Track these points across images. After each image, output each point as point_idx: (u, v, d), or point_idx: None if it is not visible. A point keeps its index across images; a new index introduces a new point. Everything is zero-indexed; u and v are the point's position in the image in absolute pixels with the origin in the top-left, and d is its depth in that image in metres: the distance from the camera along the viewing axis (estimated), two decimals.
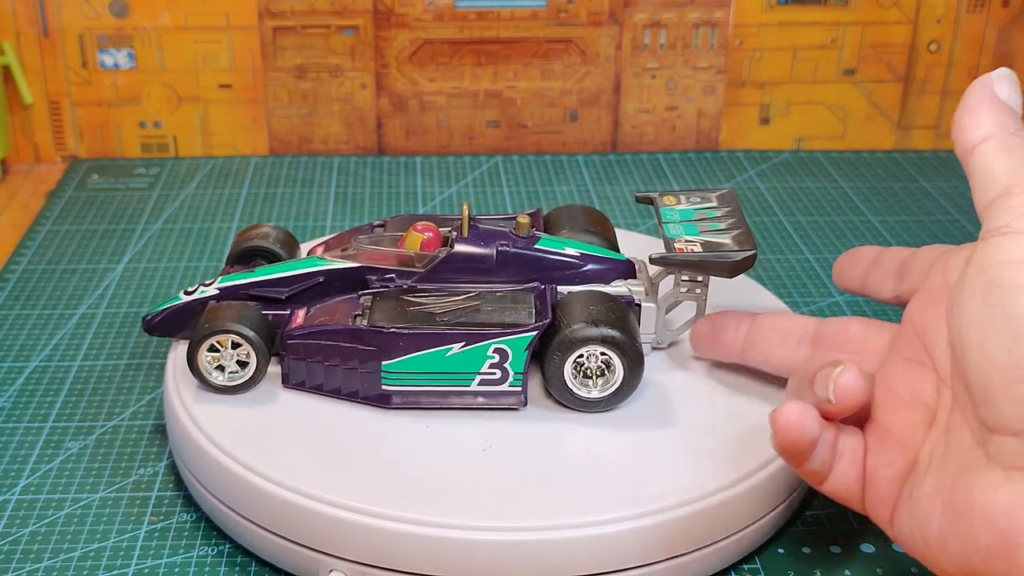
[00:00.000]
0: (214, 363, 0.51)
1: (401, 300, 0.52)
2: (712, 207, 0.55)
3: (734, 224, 0.53)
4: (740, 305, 0.60)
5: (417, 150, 0.92)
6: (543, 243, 0.53)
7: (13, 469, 0.54)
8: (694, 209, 0.55)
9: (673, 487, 0.46)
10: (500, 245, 0.53)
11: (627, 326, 0.50)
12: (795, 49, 0.91)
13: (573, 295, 0.52)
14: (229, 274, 0.54)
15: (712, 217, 0.54)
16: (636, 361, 0.50)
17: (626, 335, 0.49)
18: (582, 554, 0.45)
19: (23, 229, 0.79)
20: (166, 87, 0.89)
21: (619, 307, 0.51)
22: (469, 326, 0.50)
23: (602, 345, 0.49)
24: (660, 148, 0.93)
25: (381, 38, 0.89)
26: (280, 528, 0.46)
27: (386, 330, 0.49)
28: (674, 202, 0.56)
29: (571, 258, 0.53)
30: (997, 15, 0.92)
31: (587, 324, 0.49)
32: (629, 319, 0.51)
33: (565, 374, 0.50)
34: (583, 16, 0.89)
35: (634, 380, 0.50)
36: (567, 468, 0.47)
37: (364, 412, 0.50)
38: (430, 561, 0.44)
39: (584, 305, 0.51)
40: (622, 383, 0.50)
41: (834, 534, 0.51)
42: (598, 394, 0.50)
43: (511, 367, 0.50)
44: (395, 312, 0.51)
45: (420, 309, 0.51)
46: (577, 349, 0.49)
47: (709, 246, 0.52)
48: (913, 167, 0.92)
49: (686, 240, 0.52)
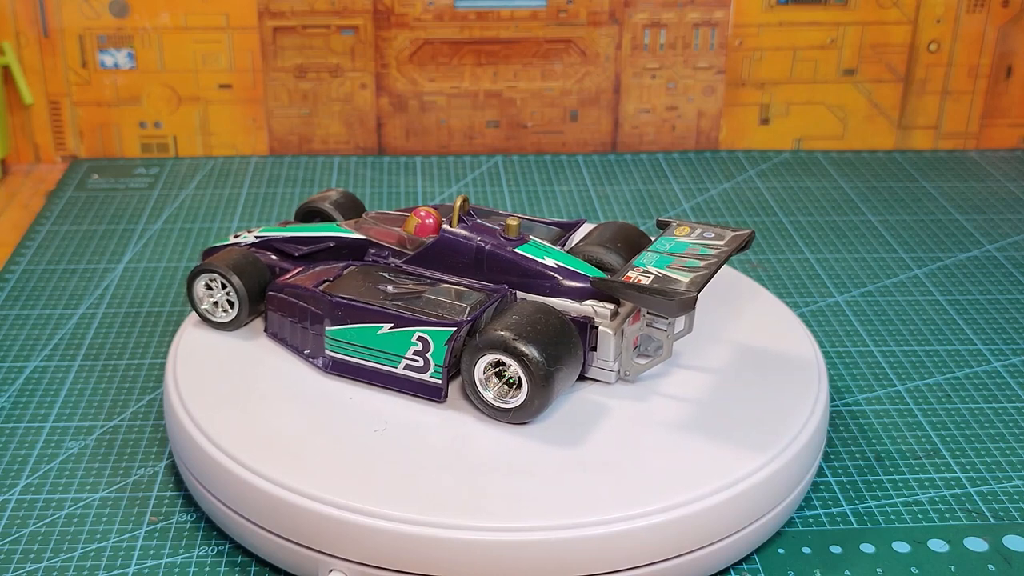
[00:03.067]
0: (210, 298, 0.56)
1: (375, 276, 0.53)
2: (713, 244, 0.52)
3: (710, 264, 0.50)
4: (740, 305, 0.60)
5: (417, 150, 0.92)
6: (524, 248, 0.52)
7: (13, 469, 0.54)
8: (691, 243, 0.52)
9: (673, 487, 0.46)
10: (480, 242, 0.53)
11: (546, 343, 0.48)
12: (795, 49, 0.91)
13: (521, 304, 0.50)
14: (272, 226, 0.59)
15: (700, 255, 0.51)
16: (540, 379, 0.47)
17: (538, 351, 0.47)
18: (582, 554, 0.45)
19: (23, 229, 0.79)
20: (166, 87, 0.89)
21: (553, 324, 0.49)
22: (401, 309, 0.50)
23: (506, 355, 0.48)
24: (660, 148, 0.93)
25: (381, 38, 0.89)
26: (280, 528, 0.46)
27: (330, 297, 0.51)
28: (683, 233, 0.53)
29: (547, 268, 0.52)
30: (997, 15, 0.92)
31: (500, 332, 0.48)
32: (560, 338, 0.48)
33: (475, 376, 0.49)
34: (583, 16, 0.89)
35: (537, 399, 0.48)
36: (567, 468, 0.47)
37: (364, 412, 0.50)
38: (430, 561, 0.44)
39: (514, 314, 0.49)
40: (525, 399, 0.48)
41: (834, 534, 0.51)
42: (502, 404, 0.49)
43: (432, 358, 0.50)
44: (355, 284, 0.53)
45: (377, 286, 0.52)
46: (482, 354, 0.48)
47: (658, 280, 0.49)
48: (913, 167, 0.92)
49: (644, 271, 0.50)
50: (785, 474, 0.48)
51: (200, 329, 0.57)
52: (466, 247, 0.53)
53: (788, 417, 0.51)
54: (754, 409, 0.51)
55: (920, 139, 0.95)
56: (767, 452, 0.48)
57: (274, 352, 0.55)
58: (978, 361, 0.64)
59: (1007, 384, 0.62)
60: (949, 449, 0.56)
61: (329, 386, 0.52)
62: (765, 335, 0.57)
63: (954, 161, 0.93)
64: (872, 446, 0.56)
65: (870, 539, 0.50)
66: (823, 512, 0.52)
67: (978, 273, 0.74)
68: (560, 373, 0.48)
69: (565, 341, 0.49)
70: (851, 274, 0.74)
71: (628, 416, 0.51)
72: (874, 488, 0.53)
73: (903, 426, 0.58)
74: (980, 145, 0.96)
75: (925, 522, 0.51)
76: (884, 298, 0.71)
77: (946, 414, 0.59)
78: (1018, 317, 0.69)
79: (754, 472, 0.47)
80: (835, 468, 0.55)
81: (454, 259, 0.53)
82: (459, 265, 0.53)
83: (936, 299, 0.71)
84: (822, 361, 0.55)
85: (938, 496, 0.53)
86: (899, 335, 0.66)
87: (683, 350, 0.55)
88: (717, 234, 0.53)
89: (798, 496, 0.50)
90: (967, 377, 0.62)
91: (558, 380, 0.48)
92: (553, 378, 0.48)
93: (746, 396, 0.52)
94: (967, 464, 0.55)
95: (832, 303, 0.70)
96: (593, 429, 0.50)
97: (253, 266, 0.56)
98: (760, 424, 0.50)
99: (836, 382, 0.62)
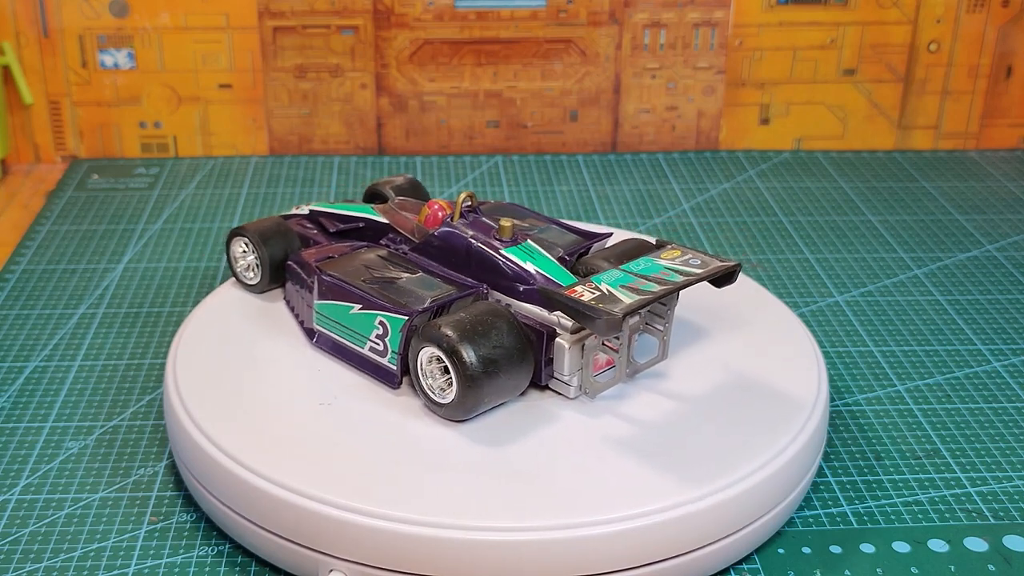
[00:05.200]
0: (244, 260, 0.60)
1: (372, 259, 0.55)
2: (686, 271, 0.50)
3: (665, 289, 0.48)
4: (740, 305, 0.60)
5: (417, 150, 0.92)
6: (512, 250, 0.53)
7: (13, 469, 0.54)
8: (665, 267, 0.51)
9: (674, 487, 0.46)
10: (471, 239, 0.53)
11: (485, 346, 0.48)
12: (795, 49, 0.91)
13: (476, 304, 0.51)
14: (325, 202, 0.62)
15: (666, 280, 0.49)
16: (468, 380, 0.47)
17: (473, 353, 0.47)
18: (582, 554, 0.45)
19: (23, 229, 0.79)
20: (166, 87, 0.89)
21: (500, 328, 0.49)
22: (369, 293, 0.52)
23: (440, 351, 0.48)
24: (660, 148, 0.93)
25: (381, 38, 0.89)
26: (280, 528, 0.46)
27: (320, 273, 0.54)
28: (670, 256, 0.52)
29: (524, 272, 0.52)
30: (997, 15, 0.92)
31: (442, 328, 0.48)
32: (502, 343, 0.48)
33: (419, 367, 0.49)
34: (583, 16, 0.89)
35: (467, 400, 0.48)
36: (567, 468, 0.47)
37: (364, 413, 0.50)
38: (430, 561, 0.44)
39: (464, 312, 0.49)
40: (455, 398, 0.48)
41: (834, 534, 0.51)
42: (438, 398, 0.49)
43: (390, 344, 0.51)
44: (348, 264, 0.55)
45: (365, 268, 0.54)
46: (423, 346, 0.49)
47: (600, 298, 0.47)
48: (913, 167, 0.92)
49: (595, 286, 0.48)
50: (785, 474, 0.48)
51: (200, 329, 0.57)
52: (459, 242, 0.54)
53: (788, 417, 0.51)
54: (754, 409, 0.51)
55: (920, 139, 0.95)
56: (767, 452, 0.48)
57: (274, 352, 0.55)
58: (978, 361, 0.64)
59: (1007, 384, 0.62)
60: (949, 449, 0.56)
61: (329, 386, 0.52)
62: (765, 335, 0.57)
63: (954, 161, 0.93)
64: (872, 446, 0.56)
65: (870, 539, 0.50)
66: (823, 512, 0.52)
67: (978, 273, 0.74)
68: (494, 379, 0.48)
69: (508, 346, 0.48)
70: (851, 274, 0.74)
71: (627, 416, 0.51)
72: (874, 488, 0.53)
73: (903, 426, 0.58)
74: (980, 145, 0.96)
75: (925, 522, 0.51)
76: (884, 298, 0.71)
77: (946, 414, 0.59)
78: (1018, 317, 0.69)
79: (754, 472, 0.47)
80: (835, 468, 0.55)
81: (450, 253, 0.54)
82: (453, 259, 0.54)
83: (936, 299, 0.71)
84: (822, 361, 0.55)
85: (938, 496, 0.53)
86: (899, 335, 0.66)
87: (684, 350, 0.55)
88: (703, 261, 0.51)
89: (798, 496, 0.50)
90: (967, 377, 0.62)
91: (489, 385, 0.48)
92: (482, 382, 0.48)
93: (746, 396, 0.52)
94: (967, 464, 0.55)
95: (832, 303, 0.70)
96: (593, 429, 0.50)
97: (282, 236, 0.60)
98: (760, 424, 0.50)
99: (836, 382, 0.62)
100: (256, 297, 0.60)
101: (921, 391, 0.61)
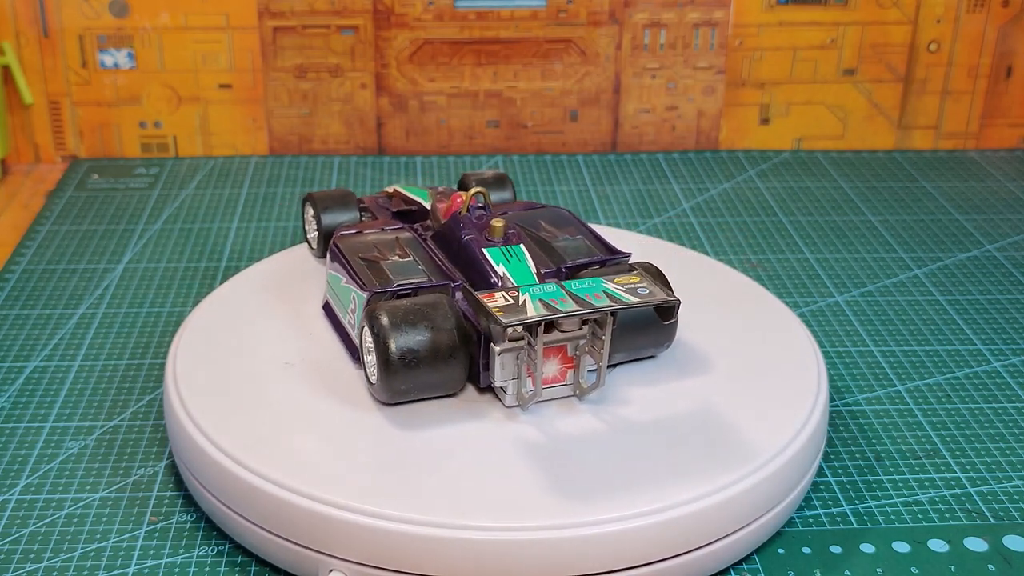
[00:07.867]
0: (312, 223, 0.64)
1: (387, 239, 0.57)
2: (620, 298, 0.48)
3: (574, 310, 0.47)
4: (740, 305, 0.60)
5: (417, 150, 0.92)
6: (491, 250, 0.53)
7: (13, 469, 0.54)
8: (604, 287, 0.49)
9: (673, 487, 0.46)
10: (462, 234, 0.54)
11: (411, 336, 0.48)
12: (795, 49, 0.91)
13: (426, 296, 0.51)
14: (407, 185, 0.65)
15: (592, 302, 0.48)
16: (386, 365, 0.48)
17: (394, 341, 0.48)
18: (582, 554, 0.45)
19: (23, 229, 0.79)
20: (166, 87, 0.89)
21: (436, 322, 0.49)
22: (354, 268, 0.54)
23: (370, 333, 0.49)
24: (660, 148, 0.93)
25: (381, 38, 0.89)
26: (280, 528, 0.46)
27: (334, 244, 0.56)
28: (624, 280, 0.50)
29: (492, 272, 0.52)
30: (997, 15, 0.92)
31: (377, 311, 0.49)
32: (432, 337, 0.48)
33: (362, 345, 0.51)
34: (583, 16, 0.89)
35: (386, 385, 0.49)
36: (567, 468, 0.47)
37: (364, 412, 0.50)
38: (430, 561, 0.44)
39: (412, 300, 0.50)
40: (377, 381, 0.49)
41: (834, 534, 0.51)
42: (371, 377, 0.50)
43: (356, 319, 0.53)
44: (362, 240, 0.57)
45: (373, 246, 0.56)
46: (362, 325, 0.50)
47: (510, 307, 0.47)
48: (913, 167, 0.92)
49: (518, 295, 0.48)
50: (785, 474, 0.48)
51: (200, 329, 0.57)
52: (454, 236, 0.55)
53: (788, 417, 0.51)
54: (754, 409, 0.51)
55: (920, 139, 0.95)
56: (767, 452, 0.48)
57: (274, 352, 0.55)
58: (978, 361, 0.64)
59: (1007, 384, 0.62)
60: (949, 449, 0.56)
61: (329, 386, 0.52)
62: (765, 335, 0.57)
63: (954, 161, 0.93)
64: (872, 446, 0.56)
65: (870, 539, 0.50)
66: (823, 512, 0.52)
67: (978, 273, 0.74)
68: (412, 370, 0.49)
69: (437, 341, 0.49)
70: (851, 274, 0.74)
71: (628, 416, 0.51)
72: (874, 488, 0.53)
73: (903, 426, 0.58)
74: (980, 145, 0.96)
75: (925, 522, 0.51)
76: (884, 298, 0.71)
77: (946, 414, 0.59)
78: (1018, 317, 0.69)
79: (754, 472, 0.47)
80: (835, 468, 0.55)
81: (449, 244, 0.55)
82: (450, 251, 0.55)
83: (936, 299, 0.71)
84: (822, 361, 0.55)
85: (938, 496, 0.53)
86: (899, 335, 0.66)
87: (684, 350, 0.55)
88: (651, 292, 0.49)
89: (798, 496, 0.50)
90: (967, 377, 0.62)
91: (406, 376, 0.49)
92: (398, 372, 0.48)
93: (746, 396, 0.52)
94: (967, 464, 0.55)
95: (832, 303, 0.70)
96: (593, 429, 0.50)
97: (344, 208, 0.63)
98: (760, 424, 0.50)
99: (836, 382, 0.62)
100: (256, 297, 0.60)
101: (921, 391, 0.61)
